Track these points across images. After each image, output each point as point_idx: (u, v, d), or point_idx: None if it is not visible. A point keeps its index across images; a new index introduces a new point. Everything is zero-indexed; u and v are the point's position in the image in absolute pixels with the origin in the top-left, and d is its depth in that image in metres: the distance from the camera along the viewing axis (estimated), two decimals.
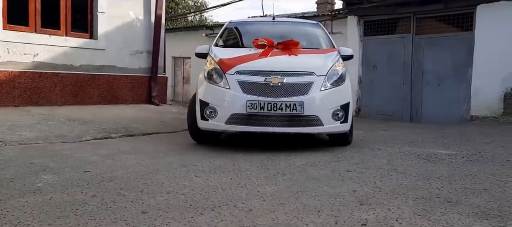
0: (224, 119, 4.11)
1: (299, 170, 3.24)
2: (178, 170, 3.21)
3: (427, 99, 9.83)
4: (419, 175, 3.12)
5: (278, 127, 4.06)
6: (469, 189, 2.76)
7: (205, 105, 4.24)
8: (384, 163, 3.56)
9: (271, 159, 3.71)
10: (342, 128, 4.30)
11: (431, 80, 9.81)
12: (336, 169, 3.29)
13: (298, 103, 4.02)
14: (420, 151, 4.21)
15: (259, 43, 4.71)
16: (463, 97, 9.25)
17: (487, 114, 9.00)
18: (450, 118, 9.19)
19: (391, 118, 10.11)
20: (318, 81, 4.18)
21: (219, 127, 4.18)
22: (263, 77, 4.08)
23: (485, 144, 4.77)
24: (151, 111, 7.45)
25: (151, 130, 5.49)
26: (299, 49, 4.75)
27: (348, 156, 3.85)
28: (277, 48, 4.62)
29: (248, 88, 4.09)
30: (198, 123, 4.35)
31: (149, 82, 8.60)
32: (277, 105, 4.00)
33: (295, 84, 4.10)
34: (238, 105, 4.06)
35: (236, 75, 4.16)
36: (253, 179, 2.96)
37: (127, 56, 8.25)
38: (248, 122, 4.06)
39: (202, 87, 4.41)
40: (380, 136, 5.53)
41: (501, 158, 3.83)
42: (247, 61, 4.33)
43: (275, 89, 4.06)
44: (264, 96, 4.04)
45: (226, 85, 4.17)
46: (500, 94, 8.98)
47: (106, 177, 2.93)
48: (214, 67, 4.35)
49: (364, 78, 11.07)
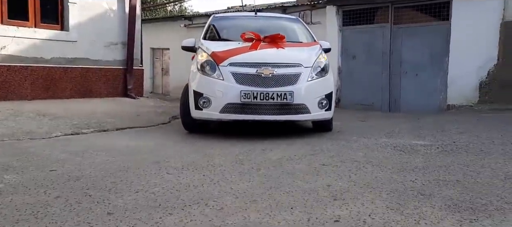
0: (219, 108, 4.39)
1: (274, 165, 3.18)
2: (150, 167, 3.11)
3: (405, 89, 9.90)
4: (394, 167, 3.11)
5: (270, 115, 4.39)
6: (443, 181, 2.75)
7: (199, 95, 4.49)
8: (360, 155, 3.54)
9: (247, 153, 3.64)
10: (326, 115, 4.73)
11: (409, 70, 9.87)
12: (311, 163, 3.24)
13: (288, 92, 4.36)
14: (396, 142, 4.21)
15: (246, 37, 4.98)
16: (440, 87, 9.36)
17: (464, 102, 9.13)
18: (427, 107, 9.29)
19: (371, 107, 10.15)
20: (305, 72, 4.53)
21: (213, 116, 4.46)
22: (255, 69, 4.39)
23: (459, 133, 4.81)
24: (126, 105, 7.28)
25: (125, 125, 5.34)
26: (285, 42, 5.05)
27: (324, 149, 3.82)
28: (264, 41, 4.91)
29: (241, 79, 4.37)
30: (192, 113, 4.61)
31: (125, 74, 8.39)
32: (269, 95, 4.33)
33: (285, 75, 4.43)
34: (232, 95, 4.34)
35: (229, 67, 4.44)
36: (226, 175, 2.89)
37: (101, 48, 8.01)
38: (242, 110, 4.36)
39: (195, 79, 4.61)
40: (358, 127, 5.53)
41: (475, 148, 3.86)
42: (239, 54, 4.61)
43: (267, 80, 4.37)
44: (257, 86, 4.35)
45: (219, 76, 4.45)
46: (476, 83, 9.11)
47: (73, 176, 2.81)
48: (207, 60, 4.60)
49: (343, 68, 11.07)
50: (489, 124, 5.86)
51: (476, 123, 6.04)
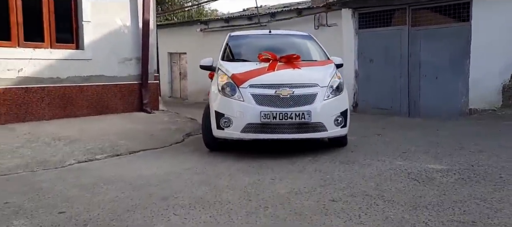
0: (240, 128, 4.64)
1: (282, 201, 3.12)
2: (157, 205, 3.10)
3: (424, 92, 9.64)
4: (406, 204, 3.00)
5: (289, 134, 4.60)
6: (457, 222, 2.64)
7: (221, 116, 4.76)
8: (372, 187, 3.43)
9: (256, 185, 3.59)
10: (342, 132, 4.91)
11: (429, 73, 9.61)
12: (321, 198, 3.16)
13: (306, 112, 4.58)
14: (411, 166, 4.08)
15: (263, 57, 5.24)
16: (462, 90, 9.08)
17: (486, 106, 8.85)
18: (449, 111, 9.02)
19: (389, 112, 9.94)
20: (321, 92, 4.75)
21: (234, 135, 4.71)
22: (274, 90, 4.63)
23: (479, 152, 4.64)
24: (141, 122, 7.33)
25: (138, 147, 5.37)
26: (300, 62, 5.28)
27: (336, 178, 3.73)
28: (280, 61, 5.15)
29: (260, 100, 4.62)
30: (213, 132, 4.88)
31: (140, 89, 8.44)
32: (287, 114, 4.55)
33: (302, 95, 4.66)
34: (252, 115, 4.58)
35: (249, 88, 4.70)
36: (233, 216, 2.85)
37: (115, 64, 8.08)
38: (262, 130, 4.60)
39: (217, 100, 4.89)
40: (373, 143, 5.40)
41: (494, 174, 3.70)
42: (258, 76, 4.85)
43: (285, 100, 4.61)
44: (275, 107, 4.58)
45: (240, 98, 4.70)
46: (499, 86, 8.83)
47: (80, 220, 2.82)
48: (228, 82, 4.86)
49: (360, 72, 10.88)
50: (510, 136, 5.64)
51: (497, 135, 5.83)
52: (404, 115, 9.64)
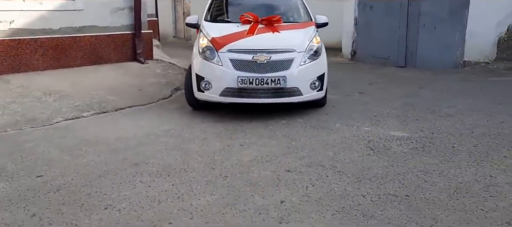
0: (218, 91, 4.82)
1: (242, 170, 3.40)
2: (128, 171, 3.40)
3: (422, 42, 9.57)
4: (353, 175, 3.26)
5: (265, 98, 4.80)
6: (393, 196, 2.90)
7: (201, 79, 4.93)
8: (329, 156, 3.68)
9: (224, 151, 3.86)
10: (318, 95, 5.09)
11: (427, 23, 9.51)
12: (278, 168, 3.43)
13: (282, 78, 4.72)
14: (375, 133, 4.31)
15: (245, 18, 5.31)
16: (458, 41, 9.05)
17: (480, 59, 8.88)
18: (444, 62, 9.03)
19: (386, 61, 9.99)
20: (298, 57, 4.87)
21: (213, 98, 4.90)
22: (251, 55, 4.76)
23: (447, 116, 4.82)
24: (133, 74, 7.53)
25: (125, 104, 5.62)
26: (281, 24, 5.37)
27: (300, 146, 3.97)
28: (261, 23, 5.24)
29: (238, 65, 4.76)
30: (194, 93, 5.07)
31: (133, 39, 8.56)
32: (264, 80, 4.71)
33: (279, 61, 4.78)
34: (230, 80, 4.74)
35: (228, 53, 4.83)
36: (193, 185, 3.14)
37: (108, 14, 8.14)
38: (239, 94, 4.78)
39: (197, 63, 5.04)
40: (351, 104, 5.59)
41: (449, 143, 3.92)
42: (236, 40, 4.98)
43: (262, 66, 4.74)
44: (252, 72, 4.73)
45: (219, 62, 4.84)
46: (494, 39, 8.81)
47: (55, 185, 3.13)
48: (208, 45, 5.01)
49: (360, 19, 10.79)
50: (488, 97, 5.80)
51: (476, 95, 5.97)
52: (400, 65, 9.66)
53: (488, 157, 3.56)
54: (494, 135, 4.13)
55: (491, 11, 8.56)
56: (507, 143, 3.86)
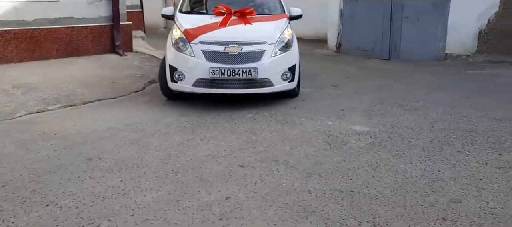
0: (191, 82, 4.93)
1: (195, 166, 3.39)
2: (79, 166, 3.38)
3: (405, 34, 9.55)
4: (304, 171, 3.27)
5: (236, 89, 4.91)
6: (338, 191, 2.92)
7: (174, 69, 5.02)
8: (285, 151, 3.69)
9: (183, 145, 3.85)
10: (289, 86, 5.20)
11: (411, 15, 9.48)
12: (231, 163, 3.43)
13: (253, 69, 4.84)
14: (337, 127, 4.31)
15: (218, 10, 5.39)
16: (441, 34, 9.06)
17: (462, 51, 8.91)
18: (426, 55, 9.03)
19: (371, 53, 9.97)
20: (269, 49, 4.98)
21: (186, 89, 5.01)
22: (223, 47, 4.86)
23: (413, 111, 4.84)
24: (109, 66, 7.48)
25: (95, 97, 5.59)
26: (254, 16, 5.47)
27: (259, 140, 3.97)
28: (235, 15, 5.33)
29: (210, 56, 4.87)
30: (168, 84, 5.16)
31: (112, 31, 8.49)
32: (235, 71, 4.81)
33: (250, 52, 4.90)
34: (202, 71, 4.85)
35: (200, 45, 4.93)
36: (142, 180, 3.13)
37: (84, 6, 8.07)
38: (211, 85, 4.89)
39: (171, 54, 5.14)
40: (321, 98, 5.58)
41: (407, 137, 3.94)
42: (208, 32, 5.08)
43: (233, 57, 4.85)
44: (224, 63, 4.83)
45: (191, 53, 4.94)
46: (475, 32, 8.84)
47: (1, 181, 3.11)
48: (181, 37, 5.09)
49: (345, 11, 10.75)
50: (458, 90, 5.82)
51: (448, 88, 5.99)
52: (384, 57, 9.63)
53: (441, 151, 3.58)
54: (453, 129, 4.14)
55: (472, 3, 8.58)
56: (463, 138, 3.88)
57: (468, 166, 3.26)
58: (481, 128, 4.13)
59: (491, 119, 4.44)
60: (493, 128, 4.12)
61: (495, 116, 4.55)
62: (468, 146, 3.68)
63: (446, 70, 7.68)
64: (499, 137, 3.86)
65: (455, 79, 6.72)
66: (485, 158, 3.41)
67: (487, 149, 3.60)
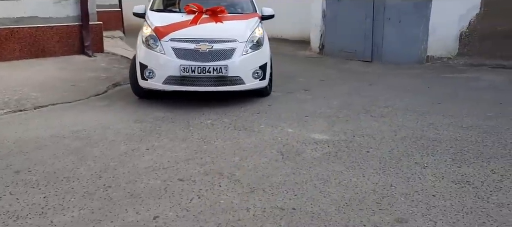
0: (161, 79, 4.90)
1: (131, 179, 3.12)
2: (4, 179, 3.10)
3: (387, 36, 9.30)
4: (249, 185, 3.01)
5: (207, 87, 4.90)
6: (278, 209, 2.67)
7: (144, 67, 4.98)
8: (234, 162, 3.43)
9: (126, 155, 3.58)
10: (261, 84, 5.21)
11: (392, 16, 9.24)
12: (171, 176, 3.17)
13: (223, 66, 4.85)
14: (296, 135, 4.07)
15: (189, 8, 5.39)
16: (422, 35, 8.85)
17: (443, 54, 8.73)
18: (408, 57, 8.80)
19: (354, 55, 9.72)
20: (240, 47, 5.00)
21: (157, 87, 4.99)
22: (193, 44, 4.86)
23: (379, 117, 4.60)
24: (74, 68, 7.18)
25: (49, 101, 5.29)
26: (225, 14, 5.45)
27: (210, 150, 3.71)
28: (206, 14, 5.32)
29: (181, 54, 4.87)
30: (139, 82, 5.11)
31: (80, 31, 8.19)
32: (206, 68, 4.82)
33: (221, 50, 4.91)
34: (172, 68, 4.84)
35: (170, 42, 4.93)
36: (68, 197, 2.85)
37: (50, 5, 7.77)
38: (182, 82, 4.88)
39: (141, 51, 5.11)
40: (288, 102, 5.34)
41: (365, 147, 3.70)
42: (179, 29, 5.07)
43: (204, 54, 4.85)
44: (195, 61, 4.83)
45: (161, 51, 4.93)
46: (456, 34, 8.66)
47: None
48: (151, 34, 5.08)
49: (328, 12, 10.48)
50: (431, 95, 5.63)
51: (421, 93, 5.78)
52: (367, 59, 9.37)
53: (398, 163, 3.34)
54: (416, 137, 3.92)
55: (454, 4, 8.39)
56: (424, 148, 3.65)
57: (423, 179, 3.03)
58: (445, 137, 3.91)
59: (458, 126, 4.21)
60: (458, 137, 3.89)
61: (463, 123, 4.33)
62: (428, 157, 3.45)
63: (425, 73, 7.47)
64: (462, 147, 3.64)
65: (431, 83, 6.51)
66: (443, 170, 3.17)
67: (447, 160, 3.37)
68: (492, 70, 7.44)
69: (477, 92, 5.77)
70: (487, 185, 2.92)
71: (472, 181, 2.97)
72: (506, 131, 4.01)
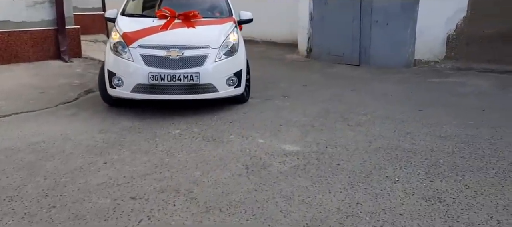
0: (130, 88, 4.69)
1: (78, 199, 2.89)
2: None
3: (375, 39, 9.10)
4: (206, 203, 2.79)
5: (178, 95, 4.69)
6: None
7: (113, 75, 4.78)
8: (195, 177, 3.21)
9: (79, 171, 3.35)
10: (235, 92, 5.00)
11: (380, 19, 9.04)
12: (124, 195, 2.94)
13: (195, 74, 4.63)
14: (266, 147, 3.85)
15: (162, 13, 5.19)
16: (410, 39, 8.66)
17: (431, 57, 8.56)
18: (396, 61, 8.60)
19: (341, 59, 9.51)
20: (212, 53, 4.78)
21: (126, 95, 4.77)
22: (163, 51, 4.65)
23: (356, 126, 4.40)
24: (47, 74, 6.93)
25: (14, 109, 5.04)
26: (199, 19, 5.23)
27: (172, 163, 3.48)
28: (178, 19, 5.13)
29: (150, 61, 4.65)
30: (107, 90, 4.90)
31: (56, 36, 7.93)
32: (176, 76, 4.60)
33: (192, 57, 4.69)
34: (141, 76, 4.62)
35: (139, 48, 4.72)
36: (5, 220, 2.62)
37: (23, 8, 7.50)
38: (151, 90, 4.67)
39: (109, 58, 4.90)
40: (264, 110, 5.11)
41: (336, 160, 3.49)
42: (148, 35, 4.87)
43: (174, 61, 4.64)
44: (164, 68, 4.61)
45: (130, 58, 4.72)
46: (443, 37, 8.48)
47: None
48: (119, 40, 4.88)
49: (315, 15, 10.27)
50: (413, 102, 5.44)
51: (403, 99, 5.59)
52: (355, 62, 9.17)
53: (368, 177, 3.13)
54: (391, 148, 3.71)
55: (440, 7, 8.22)
56: (398, 160, 3.45)
57: (392, 196, 2.82)
58: (421, 148, 3.71)
59: (436, 136, 4.02)
60: (434, 148, 3.69)
61: (442, 132, 4.13)
62: (401, 170, 3.25)
63: (410, 78, 7.29)
64: (437, 159, 3.44)
65: (415, 88, 6.32)
66: (414, 185, 2.97)
67: (420, 174, 3.16)
68: (479, 75, 7.27)
69: (461, 99, 5.58)
70: (459, 202, 2.72)
71: (444, 198, 2.77)
72: (485, 141, 3.82)
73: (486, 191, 2.84)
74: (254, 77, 5.74)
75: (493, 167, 3.24)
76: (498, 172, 3.14)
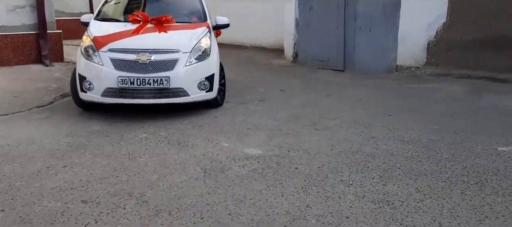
0: (100, 91, 4.73)
1: (28, 202, 2.88)
2: None
3: (359, 45, 9.13)
4: (155, 207, 2.79)
5: (148, 99, 4.72)
6: None
7: (83, 78, 4.82)
8: (150, 181, 3.21)
9: (37, 174, 3.34)
10: (207, 96, 5.03)
11: (363, 25, 9.09)
12: (75, 198, 2.93)
13: (164, 78, 4.67)
14: (229, 150, 3.86)
15: (134, 18, 5.25)
16: (392, 44, 8.70)
17: (412, 63, 8.62)
18: (379, 66, 8.63)
19: (326, 64, 9.55)
20: (183, 57, 4.81)
21: (96, 99, 4.80)
22: (133, 55, 4.70)
23: (323, 130, 4.42)
24: (25, 78, 6.92)
25: None
26: (171, 23, 5.30)
27: (132, 167, 3.48)
28: (151, 23, 5.18)
29: (119, 65, 4.68)
30: (79, 94, 4.94)
31: (37, 40, 7.93)
32: (145, 80, 4.64)
33: (162, 61, 4.73)
34: (110, 80, 4.66)
35: (109, 53, 4.75)
36: None
37: (3, 13, 7.53)
38: (121, 94, 4.69)
39: (80, 62, 4.95)
40: (236, 114, 5.13)
41: (296, 163, 3.50)
42: (119, 39, 4.92)
43: (144, 66, 4.67)
44: (134, 72, 4.65)
45: (99, 62, 4.76)
46: (425, 42, 8.55)
47: None
48: (90, 45, 4.91)
49: (300, 21, 10.32)
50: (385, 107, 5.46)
51: (375, 104, 5.61)
52: (339, 68, 9.20)
53: (324, 180, 3.15)
54: (352, 152, 3.73)
55: (421, 13, 8.29)
56: (357, 164, 3.47)
57: (343, 199, 2.83)
58: (382, 152, 3.73)
59: (398, 140, 4.04)
60: (394, 152, 3.71)
61: (405, 137, 4.15)
62: (357, 173, 3.26)
63: (388, 83, 7.32)
64: (395, 163, 3.46)
65: (390, 94, 6.36)
66: (367, 189, 2.99)
67: (375, 177, 3.18)
68: (456, 81, 7.33)
69: (432, 104, 5.62)
70: (407, 204, 2.73)
71: (392, 201, 2.78)
72: (446, 146, 3.84)
73: (435, 195, 2.85)
74: (235, 82, 5.76)
75: (447, 171, 3.26)
76: (450, 176, 3.16)
